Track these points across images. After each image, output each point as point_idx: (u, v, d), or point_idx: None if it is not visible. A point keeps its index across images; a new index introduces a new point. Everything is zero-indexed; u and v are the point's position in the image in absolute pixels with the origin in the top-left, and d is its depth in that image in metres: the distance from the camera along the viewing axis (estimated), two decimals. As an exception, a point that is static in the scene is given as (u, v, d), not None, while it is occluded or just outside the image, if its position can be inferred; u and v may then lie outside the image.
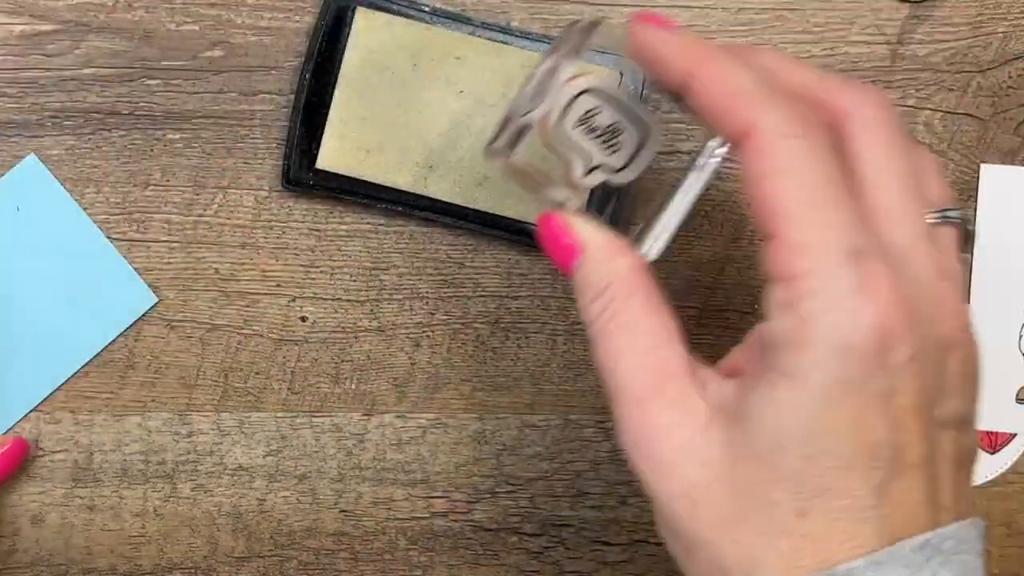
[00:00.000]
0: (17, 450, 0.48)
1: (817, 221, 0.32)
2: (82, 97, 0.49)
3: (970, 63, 0.51)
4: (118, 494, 0.50)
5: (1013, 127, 0.52)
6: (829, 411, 0.32)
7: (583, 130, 0.40)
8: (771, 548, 0.32)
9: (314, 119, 0.48)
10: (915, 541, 0.32)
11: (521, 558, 0.52)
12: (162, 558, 0.50)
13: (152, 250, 0.50)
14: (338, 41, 0.48)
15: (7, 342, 0.49)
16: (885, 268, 0.32)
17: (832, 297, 0.32)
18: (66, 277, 0.49)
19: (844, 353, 0.31)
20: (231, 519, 0.51)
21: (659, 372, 0.35)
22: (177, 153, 0.49)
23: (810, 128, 0.33)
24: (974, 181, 0.52)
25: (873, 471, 0.32)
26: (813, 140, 0.33)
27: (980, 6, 0.51)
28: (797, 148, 0.32)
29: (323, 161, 0.49)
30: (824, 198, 0.32)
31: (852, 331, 0.31)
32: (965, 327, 0.34)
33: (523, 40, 0.49)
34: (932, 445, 0.33)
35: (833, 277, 0.32)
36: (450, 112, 0.49)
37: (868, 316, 0.31)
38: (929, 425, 0.33)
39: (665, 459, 0.34)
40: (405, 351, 0.51)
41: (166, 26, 0.49)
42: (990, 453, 0.53)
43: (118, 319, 0.49)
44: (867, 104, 0.35)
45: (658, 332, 0.35)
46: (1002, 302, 0.52)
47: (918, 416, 0.32)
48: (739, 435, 0.33)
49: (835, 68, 0.51)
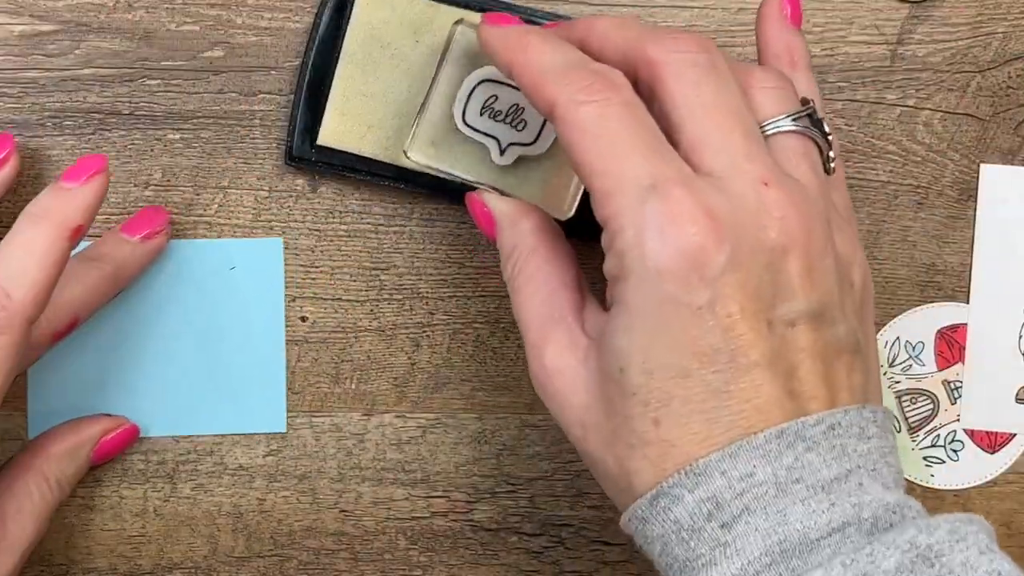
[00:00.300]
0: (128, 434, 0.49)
1: (614, 168, 0.36)
2: (82, 97, 0.49)
3: (970, 63, 0.51)
4: (118, 494, 0.50)
5: (1013, 127, 0.52)
6: (656, 329, 0.35)
7: (487, 116, 0.44)
8: (640, 457, 0.36)
9: (317, 96, 0.48)
10: (770, 431, 0.35)
11: (521, 558, 0.52)
12: (162, 558, 0.50)
13: (152, 250, 0.50)
14: (341, 17, 0.48)
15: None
16: (686, 191, 0.35)
17: (637, 230, 0.35)
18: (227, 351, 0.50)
19: (657, 276, 0.35)
20: (231, 519, 0.51)
21: (552, 318, 0.39)
22: (177, 153, 0.49)
23: (607, 90, 0.37)
24: (974, 181, 0.52)
25: (712, 375, 0.35)
26: (608, 101, 0.37)
27: (980, 6, 0.51)
28: (593, 112, 0.36)
29: (325, 137, 0.48)
30: (623, 147, 0.36)
31: (659, 255, 0.35)
32: (791, 230, 0.36)
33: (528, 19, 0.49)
34: (779, 342, 0.36)
35: (634, 212, 0.35)
36: None
37: (672, 239, 0.35)
38: (768, 325, 0.36)
39: (560, 393, 0.39)
40: (405, 351, 0.51)
41: (166, 26, 0.49)
42: (990, 453, 0.53)
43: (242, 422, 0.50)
44: (673, 50, 0.38)
45: (551, 281, 0.40)
46: (1002, 302, 0.52)
47: (752, 319, 0.35)
48: (602, 361, 0.37)
49: (835, 68, 0.51)
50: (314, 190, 0.50)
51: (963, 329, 0.52)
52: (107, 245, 0.47)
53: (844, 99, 0.51)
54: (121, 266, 0.46)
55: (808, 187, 0.38)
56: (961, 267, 0.52)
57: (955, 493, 0.53)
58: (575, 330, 0.39)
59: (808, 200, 0.37)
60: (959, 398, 0.53)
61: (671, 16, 0.50)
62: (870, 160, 0.51)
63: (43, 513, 0.46)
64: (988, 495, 0.53)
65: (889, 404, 0.52)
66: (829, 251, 0.37)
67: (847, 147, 0.51)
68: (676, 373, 0.35)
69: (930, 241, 0.52)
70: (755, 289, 0.35)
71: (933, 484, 0.53)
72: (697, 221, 0.35)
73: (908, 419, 0.53)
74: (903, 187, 0.52)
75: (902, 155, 0.52)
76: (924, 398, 0.53)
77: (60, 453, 0.47)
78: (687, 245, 0.35)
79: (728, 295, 0.35)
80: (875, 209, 0.52)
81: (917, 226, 0.52)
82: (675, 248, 0.35)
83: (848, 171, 0.51)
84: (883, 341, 0.52)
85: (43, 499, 0.46)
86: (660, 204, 0.35)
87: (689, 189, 0.36)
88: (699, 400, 0.35)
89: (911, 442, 0.53)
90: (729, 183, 0.36)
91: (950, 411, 0.53)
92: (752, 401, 0.35)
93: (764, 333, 0.35)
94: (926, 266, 0.52)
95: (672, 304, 0.35)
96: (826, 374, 0.36)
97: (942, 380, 0.53)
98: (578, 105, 0.37)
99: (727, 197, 0.36)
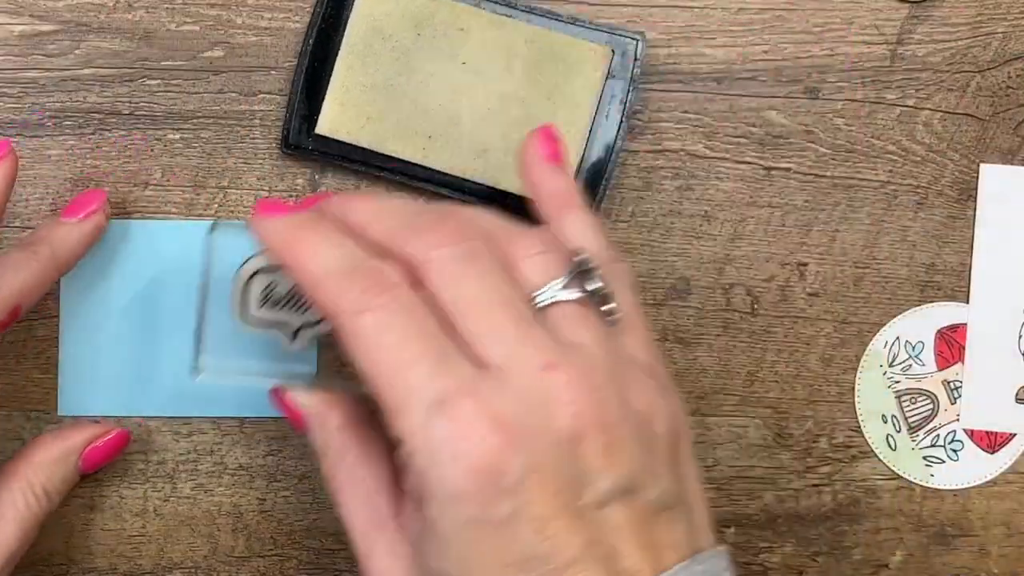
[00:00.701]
0: (118, 441, 0.48)
1: (399, 383, 0.35)
2: (82, 97, 0.49)
3: (970, 63, 0.51)
4: (118, 494, 0.50)
5: (1013, 127, 0.52)
6: (467, 550, 0.34)
7: (268, 306, 0.43)
8: None
9: (316, 85, 0.48)
10: None
11: (521, 558, 0.52)
12: (162, 558, 0.50)
13: (152, 250, 0.50)
14: (343, 7, 0.48)
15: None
16: (471, 401, 0.34)
17: (428, 453, 0.34)
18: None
19: (455, 500, 0.34)
20: (231, 519, 0.51)
21: (374, 525, 0.39)
22: (177, 153, 0.49)
23: (384, 294, 0.36)
24: (974, 181, 0.52)
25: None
26: (385, 307, 0.35)
27: (979, 6, 0.51)
28: (371, 321, 0.35)
29: (323, 126, 0.49)
30: (405, 359, 0.35)
31: (454, 480, 0.34)
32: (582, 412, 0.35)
33: (527, 14, 0.49)
34: (593, 528, 0.35)
35: (424, 434, 0.34)
36: (451, 83, 0.49)
37: (463, 460, 0.34)
38: (580, 515, 0.34)
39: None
40: (405, 351, 0.51)
41: (166, 26, 0.49)
42: (990, 453, 0.53)
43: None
44: (432, 246, 0.37)
45: (368, 483, 0.39)
46: (1002, 302, 0.52)
47: (561, 514, 0.34)
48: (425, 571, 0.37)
49: (835, 68, 0.51)
50: (314, 190, 0.50)
51: (963, 329, 0.52)
52: (44, 229, 0.46)
53: (844, 99, 0.51)
54: (60, 249, 0.46)
55: (593, 354, 0.36)
56: (961, 267, 0.52)
57: (955, 493, 0.53)
58: (396, 539, 0.38)
59: (595, 369, 0.36)
60: (959, 398, 0.53)
61: (671, 16, 0.50)
62: (870, 160, 0.51)
63: (29, 521, 0.45)
64: (988, 495, 0.53)
65: (889, 404, 0.52)
66: (626, 417, 0.36)
67: (847, 147, 0.51)
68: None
69: (930, 241, 0.52)
70: (557, 484, 0.34)
71: (933, 484, 0.53)
72: (486, 437, 0.34)
73: (908, 419, 0.53)
74: (903, 187, 0.52)
75: (902, 155, 0.52)
76: (924, 398, 0.53)
77: (46, 461, 0.46)
78: (480, 464, 0.34)
79: (531, 500, 0.34)
80: (875, 209, 0.52)
81: (917, 226, 0.52)
82: (468, 469, 0.34)
83: (848, 171, 0.51)
84: (883, 341, 0.52)
85: (28, 507, 0.45)
86: (447, 423, 0.34)
87: (475, 399, 0.34)
88: None
89: (911, 442, 0.53)
90: (512, 376, 0.35)
91: (950, 411, 0.53)
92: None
93: (576, 525, 0.34)
94: (926, 266, 0.52)
95: (476, 523, 0.34)
96: (647, 542, 0.36)
97: (942, 380, 0.53)
98: (356, 315, 0.36)
99: (513, 395, 0.35)
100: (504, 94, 0.49)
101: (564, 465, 0.35)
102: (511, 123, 0.49)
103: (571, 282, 0.37)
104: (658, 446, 0.37)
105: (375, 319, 0.35)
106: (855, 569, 0.53)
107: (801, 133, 0.51)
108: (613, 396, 0.36)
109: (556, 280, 0.37)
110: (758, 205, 0.51)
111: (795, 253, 0.52)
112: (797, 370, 0.52)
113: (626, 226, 0.51)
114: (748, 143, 0.51)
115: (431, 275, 0.36)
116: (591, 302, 0.38)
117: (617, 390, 0.36)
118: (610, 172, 0.49)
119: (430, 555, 0.36)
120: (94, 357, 0.49)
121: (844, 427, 0.52)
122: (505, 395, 0.35)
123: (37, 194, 0.49)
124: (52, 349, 0.49)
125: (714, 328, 0.52)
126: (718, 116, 0.51)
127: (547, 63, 0.49)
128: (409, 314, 0.36)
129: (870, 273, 0.52)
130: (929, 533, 0.53)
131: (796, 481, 0.52)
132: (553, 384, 0.35)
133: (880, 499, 0.53)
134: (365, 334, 0.35)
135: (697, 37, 0.51)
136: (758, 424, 0.52)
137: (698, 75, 0.51)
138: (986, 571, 0.53)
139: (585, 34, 0.49)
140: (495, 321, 0.36)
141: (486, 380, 0.35)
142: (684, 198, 0.51)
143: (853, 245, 0.52)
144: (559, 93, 0.49)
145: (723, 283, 0.52)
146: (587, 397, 0.35)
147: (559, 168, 0.42)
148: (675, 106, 0.51)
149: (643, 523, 0.36)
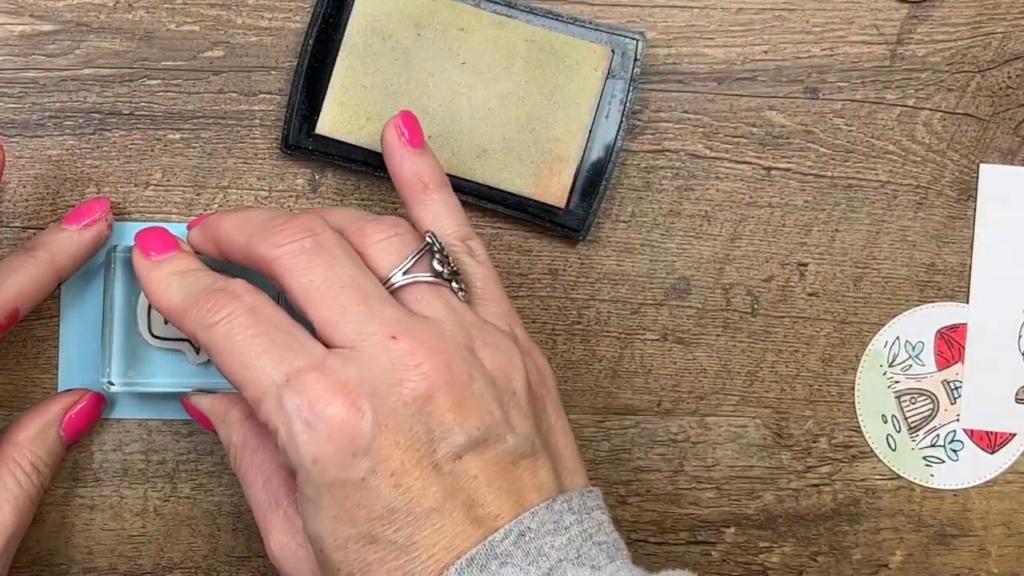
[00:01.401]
0: (93, 405, 0.49)
1: (252, 377, 0.38)
2: (82, 97, 0.49)
3: (969, 63, 0.51)
4: (118, 493, 0.50)
5: (1013, 127, 0.52)
6: (335, 509, 0.38)
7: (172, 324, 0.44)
8: None
9: (316, 85, 0.48)
10: (460, 562, 0.37)
11: (521, 558, 0.52)
12: (162, 558, 0.50)
13: (152, 250, 0.50)
14: (343, 7, 0.48)
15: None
16: (317, 375, 0.38)
17: (286, 428, 0.38)
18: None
19: (316, 466, 0.37)
20: (231, 519, 0.51)
21: (270, 506, 0.43)
22: (177, 153, 0.49)
23: (228, 305, 0.40)
24: (974, 181, 0.52)
25: (396, 533, 0.37)
26: (231, 316, 0.39)
27: (979, 6, 0.51)
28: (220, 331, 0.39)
29: (323, 126, 0.49)
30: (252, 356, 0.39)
31: (311, 447, 0.37)
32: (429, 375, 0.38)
33: (527, 14, 0.49)
34: (451, 480, 0.38)
35: (279, 412, 0.38)
36: (451, 83, 0.49)
37: (315, 426, 0.37)
38: (436, 468, 0.37)
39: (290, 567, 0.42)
40: (405, 351, 0.51)
41: (166, 26, 0.49)
42: (989, 453, 0.53)
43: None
44: (279, 243, 0.40)
45: (265, 468, 0.43)
46: (1002, 302, 0.52)
47: (416, 468, 0.37)
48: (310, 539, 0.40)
49: (835, 68, 0.51)
50: (314, 190, 0.50)
51: (963, 329, 0.52)
52: (46, 235, 0.47)
53: (844, 99, 0.51)
54: (59, 254, 0.47)
55: (441, 321, 0.39)
56: (961, 267, 0.52)
57: (955, 493, 0.53)
58: (291, 515, 0.42)
59: (442, 336, 0.39)
60: (959, 398, 0.53)
61: (671, 16, 0.50)
62: (870, 160, 0.52)
63: (23, 500, 0.46)
64: (987, 495, 0.53)
65: (889, 404, 0.52)
66: (476, 376, 0.39)
67: (847, 147, 0.51)
68: (365, 541, 0.38)
69: (930, 241, 0.52)
70: (410, 441, 0.37)
71: (933, 484, 0.53)
72: (333, 400, 0.37)
73: (908, 419, 0.53)
74: (903, 187, 0.52)
75: (902, 155, 0.52)
76: (924, 398, 0.53)
77: (29, 437, 0.47)
78: (331, 427, 0.37)
79: (385, 456, 0.37)
80: (875, 209, 0.52)
81: (917, 226, 0.52)
82: (321, 434, 0.37)
83: (848, 171, 0.51)
84: (883, 341, 0.52)
85: (20, 486, 0.46)
86: (296, 396, 0.37)
87: (320, 372, 0.38)
88: (392, 559, 0.37)
89: (911, 442, 0.53)
90: (359, 351, 0.38)
91: (950, 411, 0.53)
92: (439, 543, 0.37)
93: (433, 477, 0.37)
94: (926, 266, 0.52)
95: (339, 485, 0.37)
96: (509, 487, 0.38)
97: (942, 380, 0.53)
98: (208, 329, 0.39)
99: (358, 365, 0.38)
100: (504, 94, 0.49)
101: (415, 423, 0.37)
102: (511, 123, 0.49)
103: (418, 263, 0.41)
104: (516, 401, 0.40)
105: (221, 330, 0.39)
106: (855, 569, 0.53)
107: (801, 133, 0.51)
108: (460, 359, 0.39)
109: (405, 261, 0.40)
110: (758, 205, 0.51)
111: (795, 253, 0.52)
112: (797, 370, 0.52)
113: (626, 226, 0.51)
114: (748, 143, 0.51)
115: (281, 270, 0.40)
116: (443, 279, 0.41)
117: (464, 354, 0.39)
118: (610, 172, 0.49)
119: (308, 521, 0.39)
120: (94, 357, 0.49)
121: (844, 427, 0.53)
122: (350, 366, 0.38)
123: (37, 194, 0.49)
124: (52, 349, 0.49)
125: (714, 328, 0.52)
126: (718, 116, 0.51)
127: (547, 63, 0.49)
128: (253, 316, 0.39)
129: (870, 273, 0.52)
130: (929, 533, 0.53)
131: (796, 481, 0.53)
132: (397, 352, 0.38)
133: (880, 499, 0.53)
134: (216, 344, 0.39)
135: (697, 37, 0.51)
136: (758, 424, 0.52)
137: (698, 75, 0.51)
138: (986, 571, 0.53)
139: (585, 34, 0.49)
140: (342, 304, 0.39)
141: (333, 356, 0.38)
142: (684, 198, 0.51)
143: (853, 245, 0.52)
144: (559, 93, 0.49)
145: (723, 283, 0.52)
146: (433, 360, 0.38)
147: (417, 152, 0.45)
148: (675, 106, 0.51)
149: (501, 471, 0.38)
